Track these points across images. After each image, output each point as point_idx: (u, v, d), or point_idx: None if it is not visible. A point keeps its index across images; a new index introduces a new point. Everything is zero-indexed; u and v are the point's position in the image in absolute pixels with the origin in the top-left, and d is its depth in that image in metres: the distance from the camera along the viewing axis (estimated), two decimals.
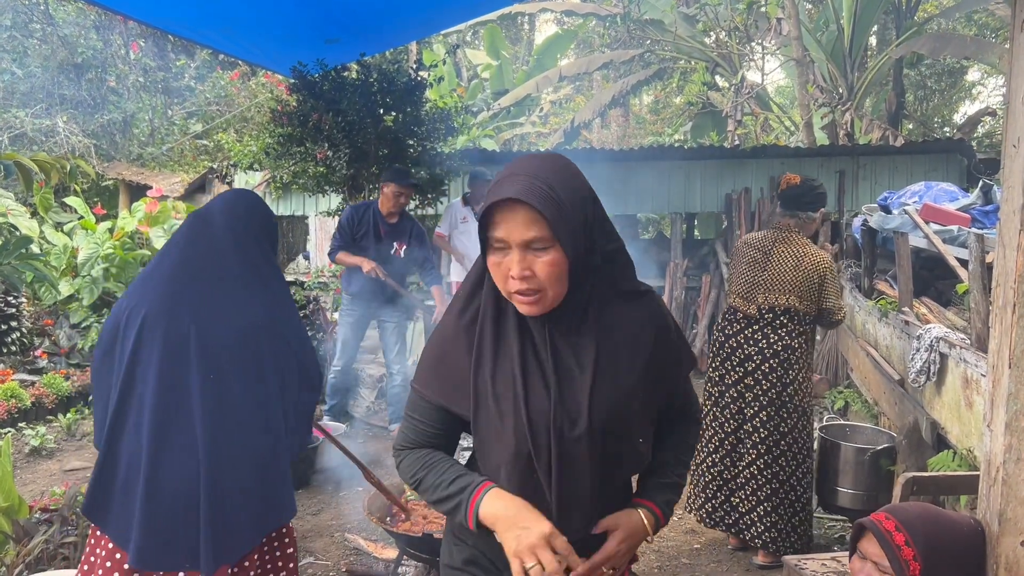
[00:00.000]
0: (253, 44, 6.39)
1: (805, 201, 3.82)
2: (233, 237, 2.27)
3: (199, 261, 2.22)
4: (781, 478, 3.77)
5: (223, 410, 2.10)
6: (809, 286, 3.71)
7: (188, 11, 5.41)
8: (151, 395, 2.07)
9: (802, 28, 11.45)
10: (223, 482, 2.08)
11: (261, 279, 2.30)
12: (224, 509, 2.07)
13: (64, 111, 11.38)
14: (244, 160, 7.16)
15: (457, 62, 18.22)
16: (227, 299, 2.18)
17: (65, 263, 7.79)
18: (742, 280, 3.89)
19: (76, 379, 6.89)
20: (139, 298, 2.18)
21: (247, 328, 2.17)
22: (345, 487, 4.88)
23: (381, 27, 6.19)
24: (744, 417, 3.82)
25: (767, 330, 3.77)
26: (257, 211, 2.40)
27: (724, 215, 9.18)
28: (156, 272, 2.24)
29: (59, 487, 4.41)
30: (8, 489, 3.10)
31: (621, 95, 15.13)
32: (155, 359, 2.09)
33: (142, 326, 2.11)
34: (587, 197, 1.59)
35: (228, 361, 2.13)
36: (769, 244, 3.84)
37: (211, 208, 2.36)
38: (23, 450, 5.71)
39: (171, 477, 2.05)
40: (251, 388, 2.16)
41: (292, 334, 2.33)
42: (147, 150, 11.97)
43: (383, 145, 6.72)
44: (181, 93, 13.15)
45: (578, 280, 1.48)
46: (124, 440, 2.10)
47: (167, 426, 2.07)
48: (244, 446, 2.13)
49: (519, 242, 1.42)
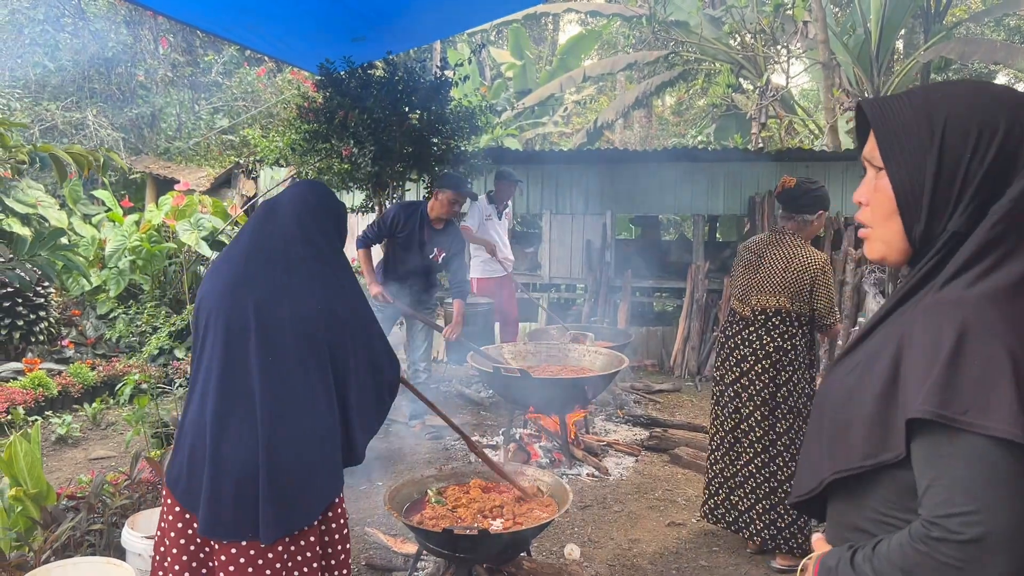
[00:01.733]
0: (280, 41, 6.45)
1: (802, 204, 3.86)
2: (299, 225, 2.35)
3: (264, 248, 2.31)
4: (779, 478, 3.84)
5: (281, 391, 2.19)
6: (799, 287, 3.77)
7: (217, 7, 5.47)
8: (215, 374, 2.19)
9: (829, 31, 11.37)
10: (281, 458, 2.18)
11: (326, 267, 2.36)
12: (282, 484, 2.17)
13: (94, 105, 11.52)
14: (270, 156, 7.22)
15: (481, 61, 18.27)
16: (289, 285, 2.26)
17: (93, 255, 7.89)
18: (738, 283, 4.01)
19: (101, 369, 7.00)
20: (211, 283, 2.32)
21: (307, 313, 2.25)
22: (364, 481, 4.92)
23: (407, 25, 6.23)
24: (741, 416, 3.93)
25: (761, 332, 3.86)
26: (325, 201, 2.47)
27: (747, 218, 9.14)
28: (226, 257, 2.36)
29: (85, 475, 4.49)
30: (37, 476, 3.16)
31: (644, 96, 15.11)
32: (219, 340, 2.21)
33: (210, 310, 2.25)
34: (963, 128, 1.14)
35: (287, 344, 2.22)
36: (763, 247, 3.93)
37: (280, 198, 2.45)
38: (49, 438, 5.80)
39: (233, 452, 2.16)
40: (309, 370, 2.24)
41: (357, 321, 2.40)
42: (174, 144, 12.09)
43: (408, 143, 6.75)
44: (208, 88, 13.27)
45: (913, 240, 1.20)
46: (191, 414, 2.25)
47: (229, 404, 2.18)
48: (300, 425, 2.22)
49: (863, 156, 1.26)
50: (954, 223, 1.14)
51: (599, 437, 5.88)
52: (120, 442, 5.81)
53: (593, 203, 9.32)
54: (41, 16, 11.06)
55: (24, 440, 3.19)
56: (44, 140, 10.88)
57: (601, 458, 5.43)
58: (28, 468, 3.15)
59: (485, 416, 6.77)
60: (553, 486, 3.65)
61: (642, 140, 20.60)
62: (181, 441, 2.26)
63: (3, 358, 7.04)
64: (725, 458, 4.01)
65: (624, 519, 4.54)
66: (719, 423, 4.04)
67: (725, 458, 4.01)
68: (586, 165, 9.39)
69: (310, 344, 2.24)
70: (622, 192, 9.18)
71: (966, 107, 1.13)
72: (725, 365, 4.02)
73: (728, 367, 3.99)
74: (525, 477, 3.80)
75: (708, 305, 8.79)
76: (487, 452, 5.29)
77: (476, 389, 7.51)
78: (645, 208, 9.45)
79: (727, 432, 3.99)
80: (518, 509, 3.42)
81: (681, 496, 4.91)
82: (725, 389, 4.00)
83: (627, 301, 9.03)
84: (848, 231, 8.35)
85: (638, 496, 4.89)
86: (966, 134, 1.12)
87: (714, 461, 4.07)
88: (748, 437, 3.89)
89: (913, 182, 1.16)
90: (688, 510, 4.69)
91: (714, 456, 4.07)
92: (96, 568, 2.88)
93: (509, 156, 9.69)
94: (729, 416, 3.97)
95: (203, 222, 7.75)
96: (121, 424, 6.20)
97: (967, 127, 1.12)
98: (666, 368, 8.74)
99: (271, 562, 2.17)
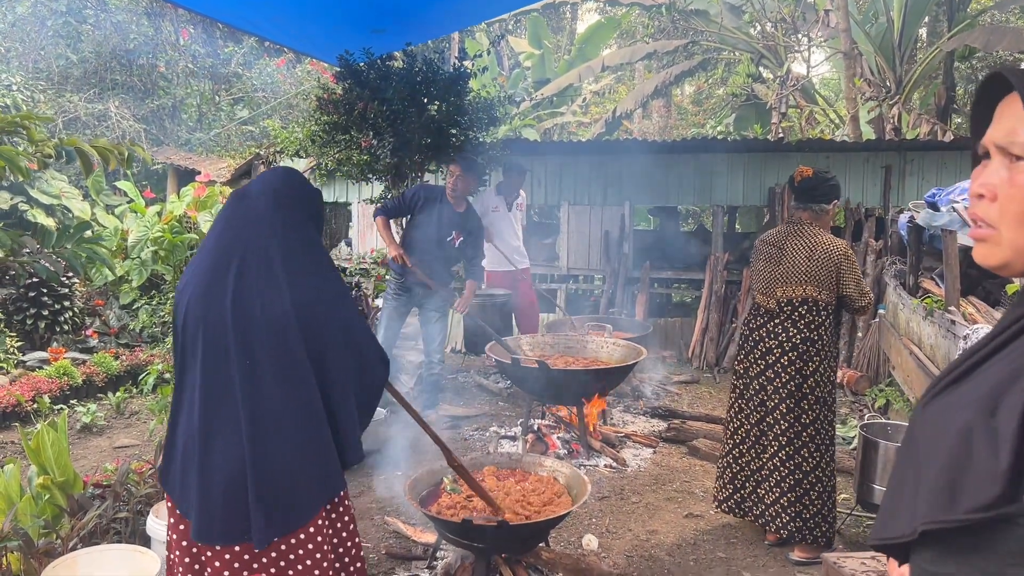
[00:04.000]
0: (301, 32, 6.49)
1: (818, 193, 3.89)
2: (269, 218, 2.22)
3: (234, 244, 2.19)
4: (804, 469, 3.84)
5: (262, 394, 2.13)
6: (825, 274, 3.77)
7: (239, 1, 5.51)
8: (199, 378, 2.14)
9: (851, 20, 11.26)
10: (267, 463, 2.12)
11: (303, 260, 2.25)
12: (271, 488, 2.12)
13: (116, 96, 11.62)
14: (290, 147, 7.27)
15: (499, 51, 18.24)
16: (264, 282, 2.15)
17: (116, 245, 7.98)
18: (760, 276, 4.01)
19: (125, 358, 7.09)
20: (186, 281, 2.23)
21: (284, 312, 2.14)
22: (384, 470, 4.96)
23: (427, 17, 6.25)
24: (767, 409, 3.93)
25: (787, 323, 3.86)
26: (297, 190, 2.34)
27: (767, 209, 9.10)
28: (200, 254, 2.27)
29: (111, 463, 4.56)
30: (64, 464, 3.22)
31: (664, 86, 15.02)
32: (199, 343, 2.14)
33: (187, 310, 2.18)
34: None
35: (264, 346, 2.13)
36: (783, 238, 3.93)
37: (249, 188, 2.32)
38: (75, 426, 5.89)
39: (221, 457, 2.12)
40: (288, 372, 2.16)
41: (336, 318, 2.27)
42: (195, 135, 12.18)
43: (426, 134, 6.77)
44: (228, 80, 13.34)
45: None
46: (181, 418, 2.21)
47: (214, 408, 2.13)
48: (284, 429, 2.15)
49: (991, 140, 1.04)
50: None
51: (617, 428, 5.90)
52: (144, 430, 5.89)
53: (611, 194, 9.31)
54: (63, 8, 11.16)
55: (51, 429, 3.25)
56: (68, 132, 11.01)
57: (619, 449, 5.44)
58: (55, 457, 3.21)
59: (503, 407, 6.79)
60: (571, 477, 3.68)
61: (661, 130, 20.48)
62: (173, 448, 2.23)
63: (29, 347, 7.16)
64: (751, 451, 4.02)
65: (642, 510, 4.56)
66: (744, 416, 4.04)
67: (751, 451, 4.02)
68: (604, 156, 9.37)
69: (288, 344, 2.14)
70: (640, 183, 9.16)
71: None
72: (749, 358, 4.02)
73: (752, 360, 3.99)
74: (544, 468, 3.83)
75: (727, 296, 8.76)
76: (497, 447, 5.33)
77: (494, 380, 7.53)
78: (663, 199, 9.41)
79: (753, 425, 3.99)
80: (536, 499, 3.44)
81: (699, 488, 4.92)
82: (750, 382, 4.00)
83: (645, 292, 9.02)
84: (869, 222, 8.28)
85: (656, 487, 4.91)
86: None
87: (739, 454, 4.07)
88: (774, 430, 3.89)
89: None
90: (706, 502, 4.70)
91: (738, 450, 4.07)
92: (122, 555, 2.93)
93: (527, 147, 9.68)
94: (755, 409, 3.97)
95: None
96: (145, 413, 6.28)
97: None
98: (684, 359, 8.73)
99: (266, 566, 2.15)
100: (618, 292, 9.08)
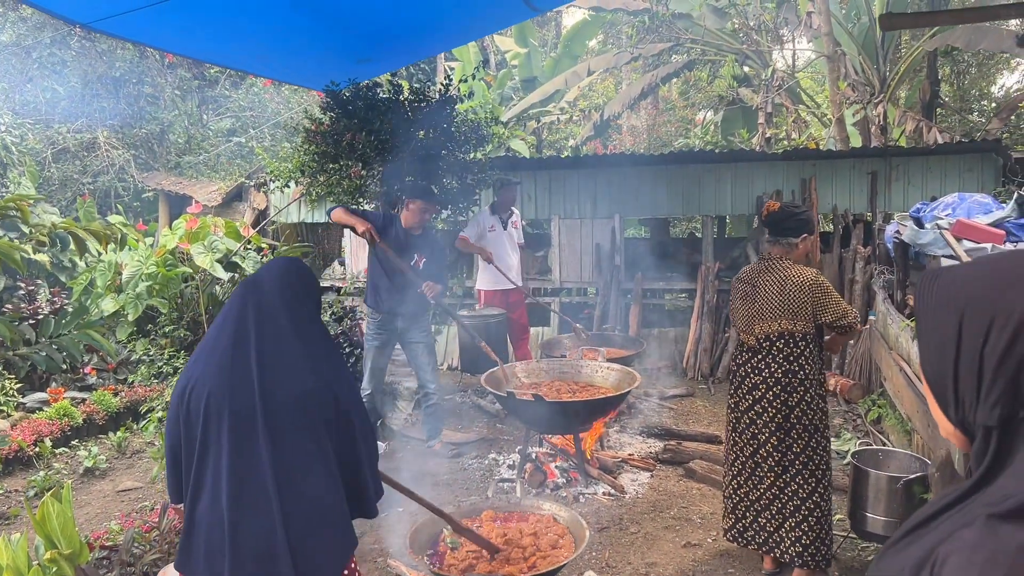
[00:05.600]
0: (287, 67, 6.54)
1: (786, 227, 3.94)
2: (284, 303, 2.39)
3: (255, 328, 2.32)
4: (801, 496, 3.92)
5: (290, 469, 2.27)
6: (798, 307, 3.84)
7: (225, 43, 5.56)
8: (226, 466, 2.24)
9: (833, 21, 11.32)
10: (299, 533, 2.26)
11: (313, 341, 2.42)
12: (304, 556, 2.27)
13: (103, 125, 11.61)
14: (281, 177, 7.32)
15: (485, 48, 18.28)
16: (284, 364, 2.31)
17: (110, 279, 8.01)
18: (739, 315, 4.10)
19: (124, 395, 7.14)
20: (200, 374, 2.32)
21: (306, 390, 2.30)
22: (386, 510, 5.02)
23: (411, 43, 6.31)
24: (759, 442, 4.01)
25: (767, 359, 3.95)
26: (305, 278, 2.54)
27: (757, 217, 9.16)
28: (215, 345, 2.35)
29: (115, 514, 4.62)
30: (70, 535, 3.27)
31: (650, 87, 15.08)
32: (225, 431, 2.25)
33: (208, 403, 2.26)
34: None
35: (291, 423, 2.28)
36: (755, 275, 4.02)
37: (260, 277, 2.48)
38: (77, 470, 5.94)
39: (251, 537, 2.24)
40: (314, 444, 2.31)
41: (349, 392, 2.47)
42: (184, 159, 12.19)
43: (415, 161, 6.82)
44: (216, 100, 13.34)
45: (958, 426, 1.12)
46: (201, 506, 2.30)
47: (242, 491, 2.24)
48: (313, 498, 2.30)
49: None
50: (981, 416, 1.04)
51: (614, 453, 5.97)
52: (146, 471, 5.94)
53: (601, 206, 9.37)
54: (48, 39, 11.14)
55: (56, 500, 3.30)
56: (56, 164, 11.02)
57: (617, 475, 5.52)
58: (61, 528, 3.26)
59: (501, 429, 6.86)
60: (570, 521, 3.75)
61: (649, 128, 20.53)
62: (195, 532, 2.30)
63: (28, 388, 7.19)
64: (748, 483, 4.09)
65: (641, 541, 4.63)
66: (738, 449, 4.12)
67: (748, 483, 4.09)
68: (593, 169, 9.43)
69: (310, 419, 2.31)
70: (629, 195, 9.22)
71: (983, 290, 1.06)
72: (738, 393, 4.11)
73: (741, 395, 4.08)
74: (543, 509, 3.90)
75: (719, 306, 8.83)
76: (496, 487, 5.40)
77: (491, 400, 7.59)
78: (653, 210, 9.48)
79: (747, 457, 4.07)
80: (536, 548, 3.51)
81: (696, 514, 4.99)
82: (741, 416, 4.08)
83: (638, 304, 9.09)
84: (856, 229, 8.36)
85: (654, 515, 4.98)
86: (982, 322, 1.04)
87: (737, 486, 4.14)
88: (767, 462, 3.97)
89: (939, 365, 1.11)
90: (703, 529, 4.77)
91: (736, 481, 4.14)
92: None
93: (515, 163, 9.74)
94: (747, 442, 4.05)
95: (217, 244, 7.86)
96: (146, 450, 6.34)
97: (983, 313, 1.04)
98: (679, 369, 8.81)
99: None
100: (611, 305, 9.15)
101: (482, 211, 7.75)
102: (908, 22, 6.32)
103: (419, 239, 6.00)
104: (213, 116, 13.23)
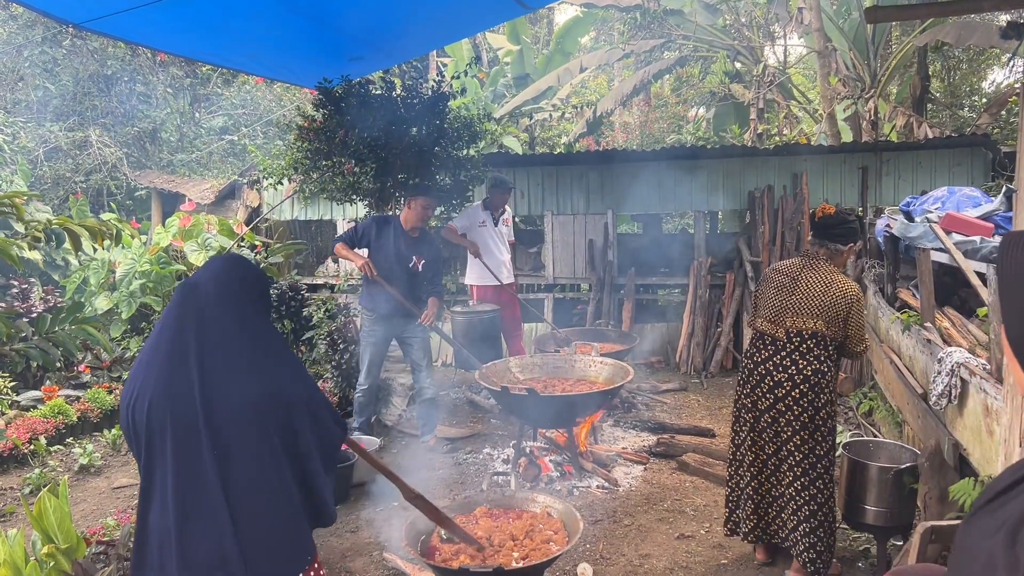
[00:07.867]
0: (279, 65, 6.53)
1: (836, 233, 3.91)
2: (226, 306, 2.30)
3: (193, 336, 2.24)
4: (819, 500, 3.86)
5: (239, 478, 2.23)
6: (836, 313, 3.80)
7: (216, 41, 5.56)
8: (171, 476, 2.19)
9: (824, 17, 11.37)
10: (253, 541, 2.23)
11: (261, 344, 2.35)
12: (256, 565, 2.23)
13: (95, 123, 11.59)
14: (274, 175, 7.33)
15: (477, 45, 18.28)
16: (229, 371, 2.24)
17: (104, 277, 8.02)
18: (770, 305, 3.99)
19: (118, 392, 7.13)
20: (142, 385, 2.25)
21: (252, 396, 2.24)
22: (383, 504, 5.05)
23: (403, 42, 6.31)
24: (781, 440, 3.93)
25: (795, 355, 3.86)
26: (246, 275, 2.43)
27: (749, 213, 9.21)
28: (154, 355, 2.27)
29: (111, 509, 4.63)
30: (67, 530, 3.29)
31: (642, 84, 15.13)
32: (168, 442, 2.20)
33: (149, 413, 2.21)
34: None
35: (237, 430, 2.22)
36: (797, 270, 3.95)
37: (198, 279, 2.37)
38: (73, 467, 5.96)
39: (200, 547, 2.20)
40: (264, 452, 2.27)
41: (301, 391, 2.39)
42: (177, 156, 12.17)
43: (408, 157, 6.84)
44: (208, 98, 13.33)
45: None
46: (151, 517, 2.25)
47: (189, 502, 2.20)
48: (264, 505, 2.27)
49: None
50: None
51: (608, 447, 6.01)
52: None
53: (594, 203, 9.41)
54: (39, 38, 11.11)
55: (52, 496, 3.32)
56: (48, 163, 10.99)
57: (610, 469, 5.55)
58: (58, 523, 3.28)
59: (496, 425, 6.89)
60: (564, 513, 3.78)
61: (641, 124, 20.57)
62: (146, 545, 2.27)
63: (23, 387, 7.19)
64: (770, 480, 4.02)
65: (634, 533, 4.67)
66: (758, 448, 4.03)
67: (770, 480, 4.02)
68: (586, 165, 9.46)
69: (259, 426, 2.25)
70: (622, 191, 9.26)
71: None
72: (757, 392, 3.98)
73: (761, 393, 3.96)
74: (536, 504, 3.93)
75: (711, 300, 8.88)
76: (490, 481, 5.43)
77: (485, 395, 7.62)
78: (645, 206, 9.51)
79: (769, 456, 3.99)
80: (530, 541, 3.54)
81: (689, 506, 5.03)
82: (760, 415, 3.97)
83: (631, 300, 9.13)
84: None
85: (647, 508, 5.02)
86: None
87: (758, 484, 4.06)
88: (788, 461, 3.91)
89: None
90: (697, 521, 4.81)
91: (757, 480, 4.06)
92: None
93: (509, 159, 9.77)
94: (769, 440, 3.96)
95: (210, 242, 7.87)
96: None
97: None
98: (672, 364, 8.85)
99: None
100: (604, 300, 9.19)
101: (475, 205, 7.77)
102: (893, 15, 6.40)
103: (417, 240, 6.01)
104: (205, 114, 13.22)
